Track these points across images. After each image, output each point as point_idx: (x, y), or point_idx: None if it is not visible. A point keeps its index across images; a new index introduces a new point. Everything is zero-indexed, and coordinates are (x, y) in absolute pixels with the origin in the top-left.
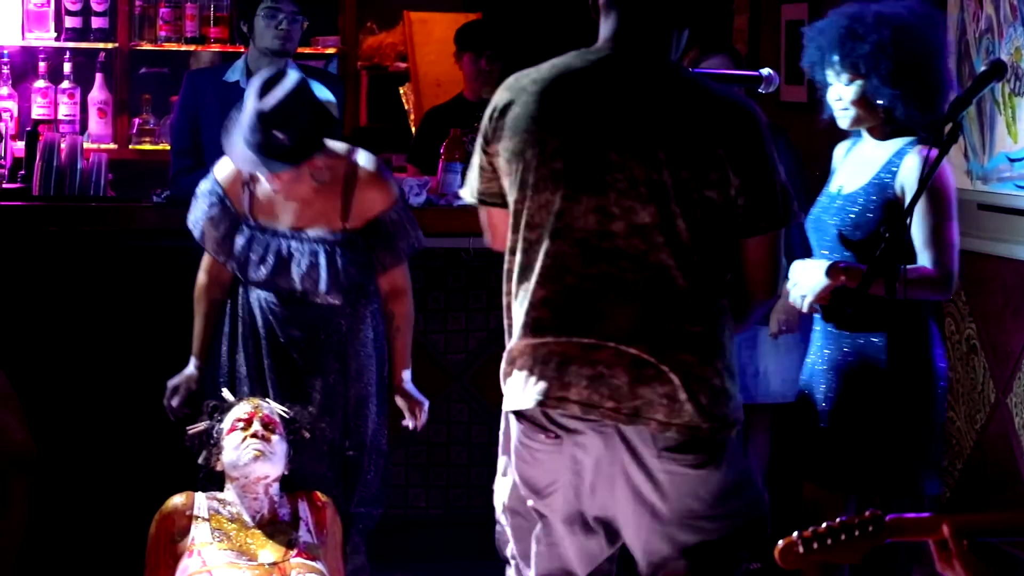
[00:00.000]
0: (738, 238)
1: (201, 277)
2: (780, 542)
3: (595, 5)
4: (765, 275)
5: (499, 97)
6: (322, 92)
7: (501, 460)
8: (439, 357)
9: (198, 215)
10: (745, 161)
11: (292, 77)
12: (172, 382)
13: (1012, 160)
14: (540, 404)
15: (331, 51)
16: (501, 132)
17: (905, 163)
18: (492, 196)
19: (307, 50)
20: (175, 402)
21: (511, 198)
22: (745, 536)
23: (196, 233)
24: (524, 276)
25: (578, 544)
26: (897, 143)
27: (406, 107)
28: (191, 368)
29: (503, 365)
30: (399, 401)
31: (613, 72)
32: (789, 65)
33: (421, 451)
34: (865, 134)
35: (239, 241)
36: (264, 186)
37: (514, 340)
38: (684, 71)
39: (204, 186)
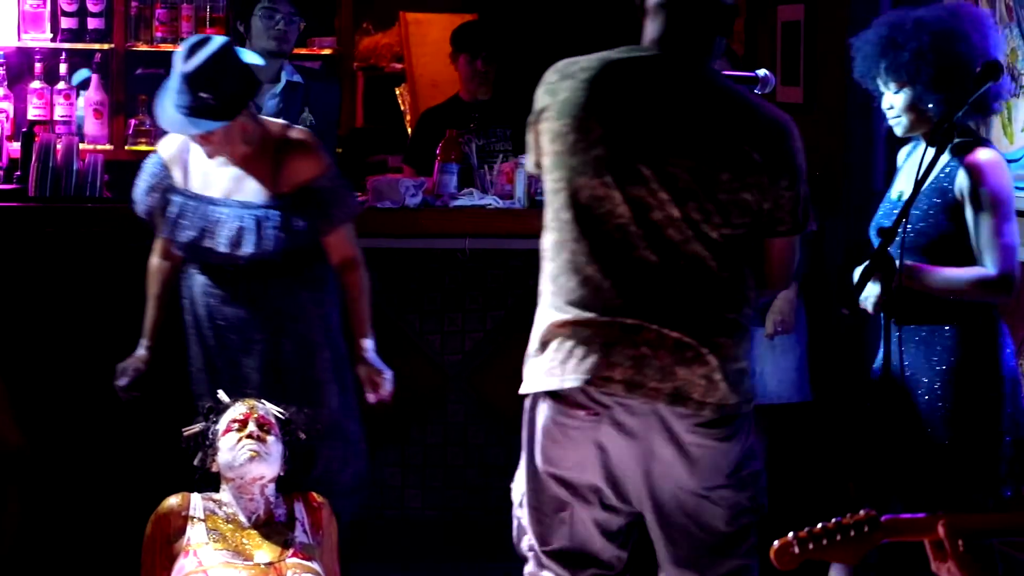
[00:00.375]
0: (761, 238)
1: (152, 260)
2: (775, 542)
3: (642, 6)
4: (781, 272)
5: (549, 79)
6: (248, 56)
7: (523, 450)
8: (435, 358)
9: (140, 187)
10: (778, 168)
11: (216, 41)
12: (121, 364)
13: (1008, 161)
14: (586, 383)
15: (327, 52)
16: (548, 114)
17: (966, 165)
18: (541, 168)
19: (303, 51)
20: (122, 382)
21: (550, 176)
22: (750, 504)
23: (139, 206)
24: (559, 254)
25: (599, 520)
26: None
27: (402, 108)
28: (140, 350)
29: (535, 343)
30: (360, 371)
31: (660, 71)
32: (785, 66)
33: (417, 452)
34: (922, 139)
35: (172, 209)
36: (199, 157)
37: (549, 316)
38: (725, 81)
39: (148, 160)
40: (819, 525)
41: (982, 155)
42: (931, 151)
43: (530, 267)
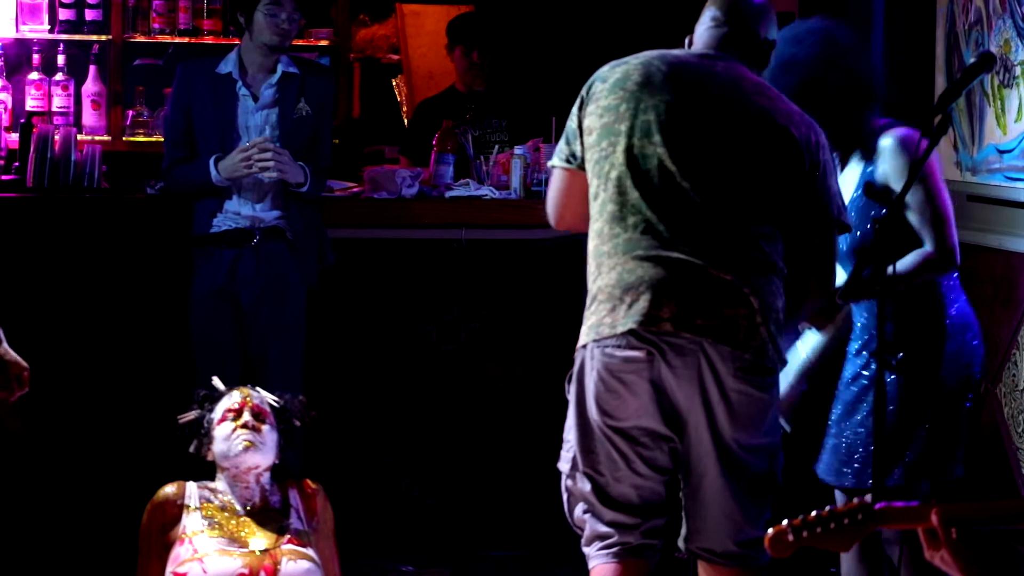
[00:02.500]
0: (798, 233)
1: None
2: (770, 530)
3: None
4: (819, 267)
5: (599, 72)
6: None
7: (570, 418)
8: (432, 348)
9: None
10: (814, 173)
11: None
12: None
13: (1001, 151)
14: (638, 324)
15: (324, 43)
16: (598, 94)
17: (881, 144)
18: (575, 158)
19: (300, 42)
20: None
21: (598, 147)
22: (772, 476)
23: None
24: (606, 207)
25: (658, 463)
26: (854, 161)
27: (398, 99)
28: None
29: (591, 305)
30: None
31: (711, 67)
32: None
33: (414, 441)
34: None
35: None
36: None
37: (599, 273)
38: (770, 87)
39: None
40: (813, 513)
41: (893, 135)
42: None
43: (526, 257)
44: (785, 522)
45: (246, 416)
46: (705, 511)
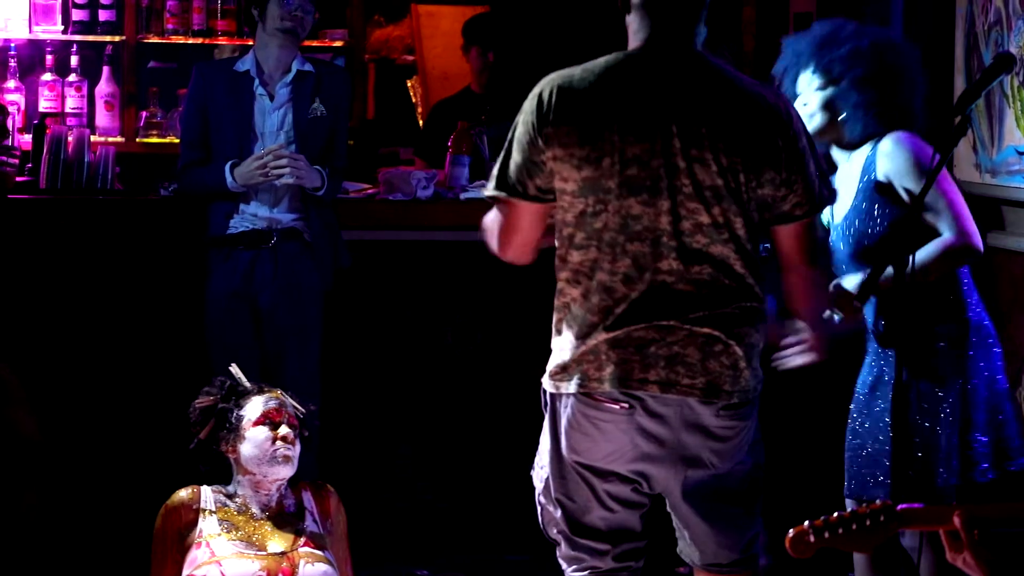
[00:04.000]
0: (779, 223)
1: None
2: (791, 531)
3: (626, 5)
4: (807, 254)
5: (544, 97)
6: None
7: (544, 443)
8: (447, 349)
9: None
10: (785, 155)
11: None
12: None
13: (1021, 153)
14: (623, 385)
15: (339, 44)
16: (566, 139)
17: (880, 149)
18: (541, 191)
19: (315, 43)
20: None
21: (583, 200)
22: (760, 470)
23: None
24: (593, 274)
25: (629, 499)
26: (866, 148)
27: (413, 100)
28: None
29: (561, 362)
30: None
31: (668, 75)
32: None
33: (429, 443)
34: (834, 150)
35: None
36: None
37: (580, 342)
38: (719, 62)
39: None
40: (835, 514)
41: (891, 136)
42: (847, 159)
43: (542, 259)
44: (807, 523)
45: (285, 429)
46: (703, 537)
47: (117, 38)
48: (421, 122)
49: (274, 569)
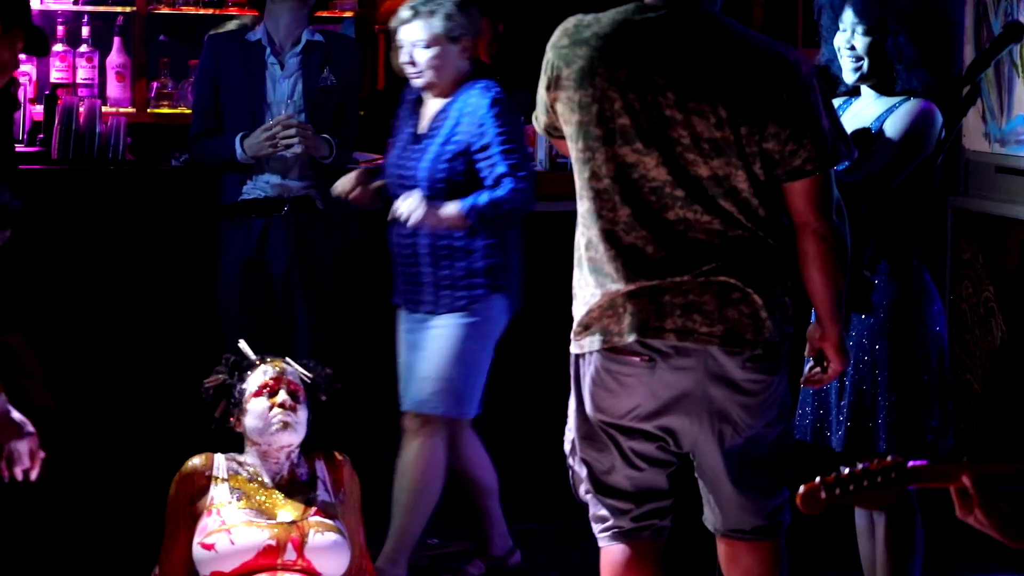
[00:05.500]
0: (789, 180)
1: None
2: (802, 488)
3: None
4: (820, 211)
5: (559, 43)
6: None
7: (571, 405)
8: None
9: None
10: (791, 108)
11: None
12: None
13: None
14: (640, 335)
15: (348, 14)
16: (565, 82)
17: (897, 111)
18: (557, 131)
19: (325, 13)
20: None
21: (576, 146)
22: (788, 437)
23: None
24: (596, 222)
25: (654, 457)
26: (894, 99)
27: None
28: None
29: (583, 316)
30: None
31: (669, 30)
32: (807, 29)
33: None
34: (865, 90)
35: None
36: None
37: (598, 292)
38: (732, 25)
39: None
40: (845, 471)
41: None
42: (873, 101)
43: (553, 229)
44: (818, 479)
45: (283, 395)
46: (726, 499)
47: (128, 9)
48: None
49: (283, 538)
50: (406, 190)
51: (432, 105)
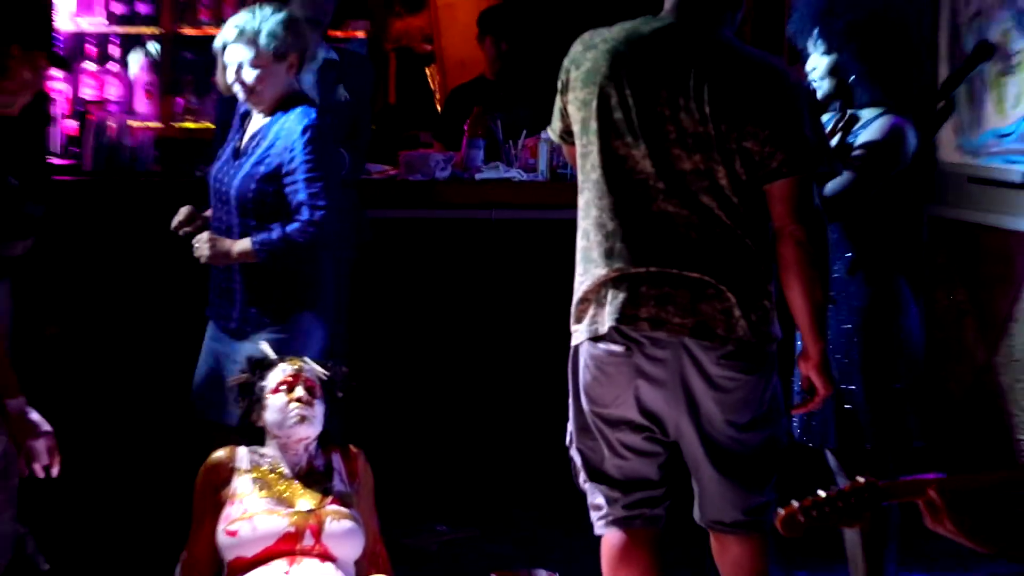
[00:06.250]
0: (771, 180)
1: None
2: (781, 511)
3: None
4: (796, 215)
5: (574, 50)
6: None
7: (570, 395)
8: (461, 318)
9: None
10: (772, 112)
11: None
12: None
13: (1000, 136)
14: (616, 322)
15: (361, 34)
16: (574, 83)
17: (870, 126)
18: (570, 136)
19: (339, 33)
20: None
21: (579, 141)
22: (776, 442)
23: None
24: (589, 212)
25: (642, 448)
26: (868, 112)
27: (432, 87)
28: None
29: (575, 305)
30: None
31: (670, 38)
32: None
33: (446, 408)
34: (839, 107)
35: None
36: None
37: (585, 271)
38: (731, 39)
39: None
40: (821, 494)
41: (892, 117)
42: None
43: (553, 236)
44: (795, 503)
45: (300, 391)
46: (707, 489)
47: (155, 30)
48: (439, 107)
49: (302, 525)
50: (222, 204)
51: (256, 121)
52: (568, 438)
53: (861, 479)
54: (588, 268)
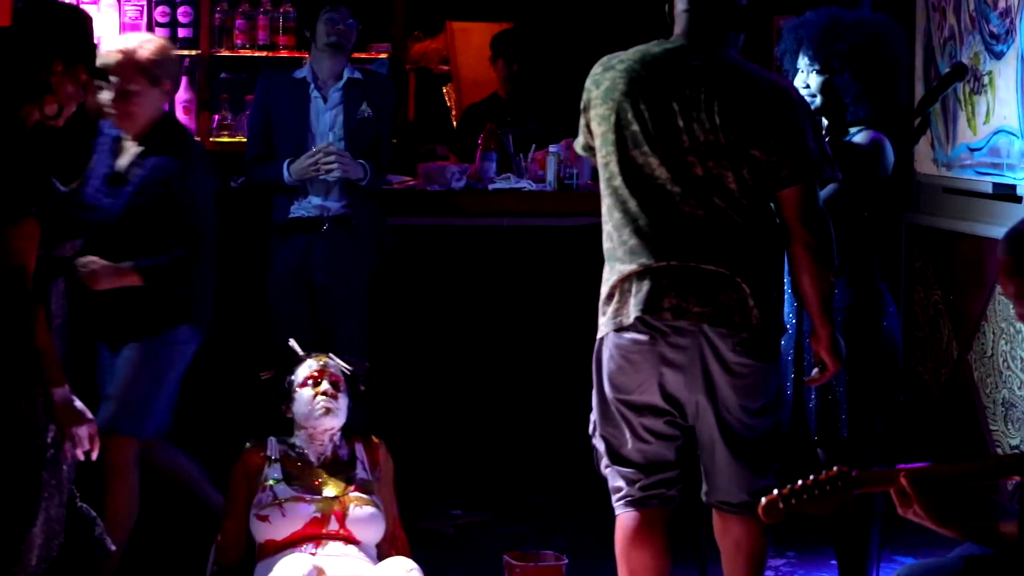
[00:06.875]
0: (777, 189)
1: None
2: (763, 499)
3: (671, 12)
4: (803, 220)
5: (594, 71)
6: None
7: (594, 384)
8: (477, 318)
9: None
10: (777, 124)
11: None
12: None
13: (972, 149)
14: (641, 312)
15: (383, 56)
16: (595, 101)
17: (855, 138)
18: (591, 150)
19: (363, 55)
20: None
21: (600, 153)
22: (780, 429)
23: None
24: (612, 215)
25: (662, 432)
26: (854, 129)
27: (448, 104)
28: None
29: (603, 298)
30: None
31: (682, 57)
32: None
33: (462, 401)
34: (824, 122)
35: None
36: None
37: (613, 269)
38: (736, 59)
39: None
40: (799, 483)
41: (867, 135)
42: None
43: (560, 241)
44: (776, 491)
45: (325, 384)
46: (718, 470)
47: (194, 52)
48: (455, 123)
49: (327, 511)
50: (100, 227)
51: (129, 148)
52: (592, 427)
53: (835, 469)
54: (614, 266)
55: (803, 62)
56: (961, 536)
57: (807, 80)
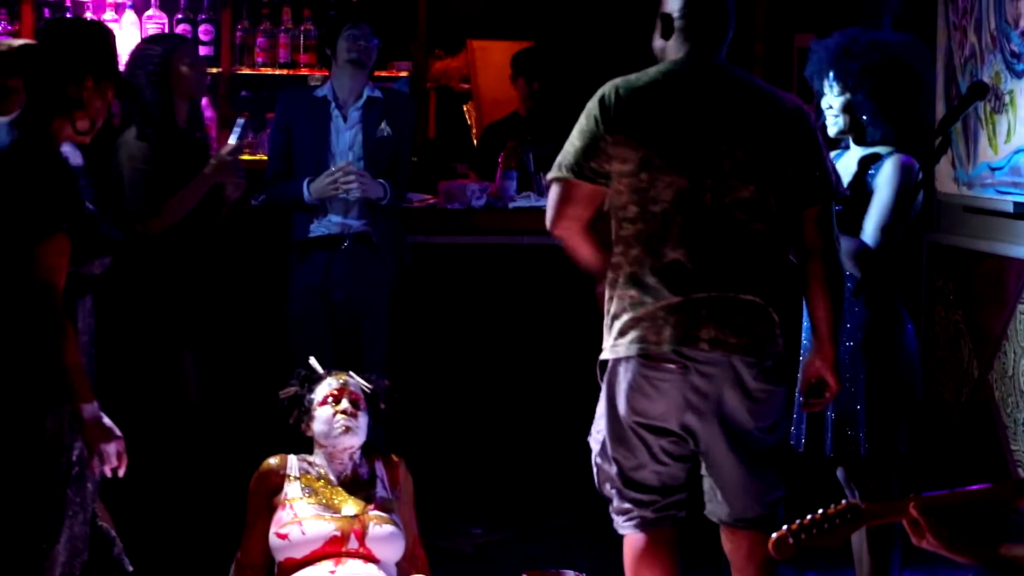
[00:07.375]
0: (805, 207)
1: None
2: (773, 535)
3: (667, 33)
4: (823, 237)
5: (611, 96)
6: None
7: (600, 409)
8: (495, 336)
9: None
10: (803, 143)
11: None
12: None
13: (993, 168)
14: (678, 343)
15: (404, 74)
16: (621, 123)
17: (884, 168)
18: (596, 174)
19: (384, 73)
20: None
21: (637, 176)
22: (784, 443)
23: None
24: (649, 242)
25: (677, 453)
26: (870, 149)
27: (468, 122)
28: None
29: (621, 321)
30: None
31: (706, 81)
32: (801, 89)
33: (481, 419)
34: (851, 142)
35: None
36: None
37: (638, 301)
38: (749, 76)
39: None
40: (808, 517)
41: (896, 160)
42: (859, 152)
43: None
44: (785, 527)
45: (345, 403)
46: (733, 488)
47: (215, 70)
48: (475, 141)
49: (347, 529)
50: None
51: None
52: (598, 447)
53: (844, 502)
54: (642, 293)
55: (825, 83)
56: (976, 563)
57: (831, 100)
